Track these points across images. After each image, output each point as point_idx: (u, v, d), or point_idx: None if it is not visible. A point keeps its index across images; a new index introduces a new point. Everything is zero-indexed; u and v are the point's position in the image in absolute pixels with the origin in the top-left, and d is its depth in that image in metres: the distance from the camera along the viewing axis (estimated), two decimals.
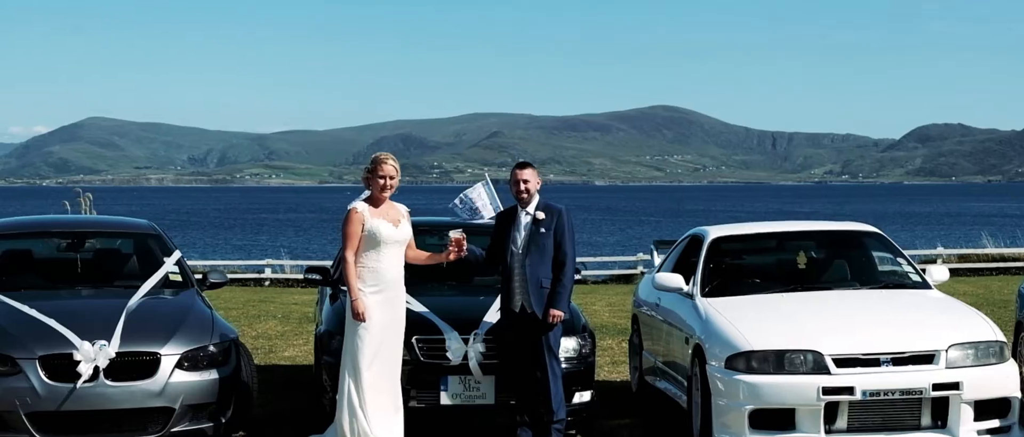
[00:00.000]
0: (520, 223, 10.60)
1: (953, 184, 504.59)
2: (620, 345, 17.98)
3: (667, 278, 11.59)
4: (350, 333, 10.08)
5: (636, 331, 13.72)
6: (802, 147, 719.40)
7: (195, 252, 59.06)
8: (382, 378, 10.07)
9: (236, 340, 11.01)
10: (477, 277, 12.13)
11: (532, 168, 10.74)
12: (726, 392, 9.89)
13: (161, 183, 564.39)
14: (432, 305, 11.02)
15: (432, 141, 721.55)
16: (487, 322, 10.79)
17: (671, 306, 11.90)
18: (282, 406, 12.78)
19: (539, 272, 10.47)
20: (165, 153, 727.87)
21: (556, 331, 10.51)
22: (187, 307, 11.24)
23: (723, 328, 10.28)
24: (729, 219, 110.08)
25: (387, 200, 10.25)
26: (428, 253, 10.68)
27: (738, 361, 9.87)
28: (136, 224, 13.24)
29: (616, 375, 15.18)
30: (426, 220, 13.32)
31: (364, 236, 10.06)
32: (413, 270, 10.71)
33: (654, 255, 14.54)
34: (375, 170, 10.20)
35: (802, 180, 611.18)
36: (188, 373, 10.36)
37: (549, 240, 10.50)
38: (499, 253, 10.67)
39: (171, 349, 10.34)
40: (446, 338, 10.66)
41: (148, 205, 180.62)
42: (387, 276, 10.09)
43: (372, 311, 9.99)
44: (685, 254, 12.66)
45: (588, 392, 11.04)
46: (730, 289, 11.32)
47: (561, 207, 10.65)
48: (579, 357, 10.98)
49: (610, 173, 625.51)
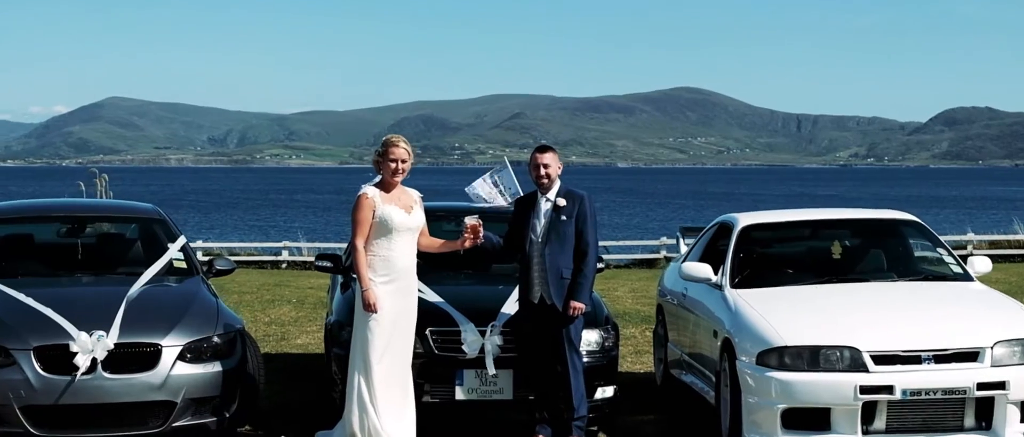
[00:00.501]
0: (540, 210, 10.07)
1: (980, 168, 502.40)
2: (644, 334, 17.44)
3: (694, 268, 11.04)
4: (360, 325, 9.57)
5: (661, 322, 13.18)
6: (827, 130, 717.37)
7: (213, 234, 58.77)
8: (393, 372, 9.56)
9: (242, 330, 10.52)
10: (495, 265, 11.61)
11: (553, 152, 10.20)
12: (757, 389, 9.35)
13: (181, 163, 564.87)
14: (447, 295, 10.50)
15: (453, 122, 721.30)
16: (505, 313, 10.27)
17: (698, 297, 11.36)
18: (291, 398, 12.29)
19: (559, 261, 9.94)
20: (185, 133, 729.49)
21: (577, 324, 9.98)
22: (191, 296, 10.74)
23: (754, 322, 9.74)
24: (753, 203, 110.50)
25: (399, 185, 9.72)
26: (442, 240, 10.15)
27: (770, 357, 9.32)
28: (140, 208, 12.74)
29: (639, 366, 14.64)
30: (441, 205, 12.80)
31: (375, 223, 9.54)
32: (427, 258, 10.23)
33: (680, 243, 13.97)
34: (386, 153, 9.67)
35: (827, 163, 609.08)
36: (191, 365, 9.87)
37: (570, 228, 9.98)
38: (517, 241, 10.14)
39: (173, 340, 9.84)
40: (462, 330, 10.14)
41: (167, 185, 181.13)
42: (399, 265, 9.57)
43: (383, 302, 9.47)
44: (713, 242, 12.11)
45: (611, 387, 10.51)
46: (761, 280, 10.76)
47: (583, 193, 10.12)
48: (602, 350, 10.45)
49: (633, 155, 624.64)
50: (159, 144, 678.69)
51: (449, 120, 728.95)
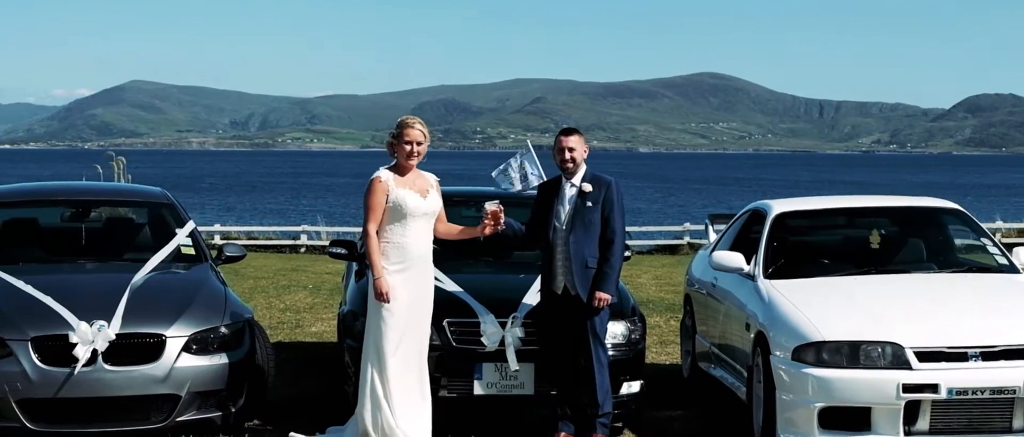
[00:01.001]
0: (564, 195, 9.55)
1: (1003, 155, 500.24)
2: (669, 323, 16.93)
3: (726, 257, 10.51)
4: (373, 315, 9.07)
5: (689, 312, 12.65)
6: (850, 116, 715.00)
7: (232, 217, 58.63)
8: (408, 365, 9.07)
9: (250, 320, 10.05)
10: (516, 253, 11.11)
11: (578, 135, 9.68)
12: (792, 386, 8.83)
13: (203, 147, 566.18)
14: (466, 284, 10.01)
15: (475, 106, 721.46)
16: (527, 304, 9.76)
17: (729, 288, 10.84)
18: (303, 390, 11.81)
19: (584, 250, 9.43)
20: (207, 117, 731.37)
21: (602, 315, 9.46)
22: (198, 284, 10.28)
23: (790, 315, 9.21)
24: (776, 188, 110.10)
25: (414, 168, 9.21)
26: (461, 227, 9.63)
27: (807, 352, 8.80)
28: (147, 192, 12.26)
29: (665, 357, 14.11)
30: (460, 190, 12.30)
31: (388, 208, 9.03)
32: (445, 245, 9.77)
33: (709, 230, 13.43)
34: (401, 135, 9.16)
35: (849, 149, 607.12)
36: (196, 357, 9.43)
37: (596, 215, 9.46)
38: (540, 228, 9.63)
39: (178, 331, 9.39)
40: (481, 321, 9.64)
41: (188, 168, 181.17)
42: (413, 252, 9.06)
43: (397, 291, 8.97)
44: (745, 230, 11.59)
45: (637, 382, 9.99)
46: (796, 270, 10.21)
47: (610, 179, 9.60)
48: (628, 343, 9.93)
49: (655, 140, 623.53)
50: (181, 127, 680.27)
51: (471, 104, 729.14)
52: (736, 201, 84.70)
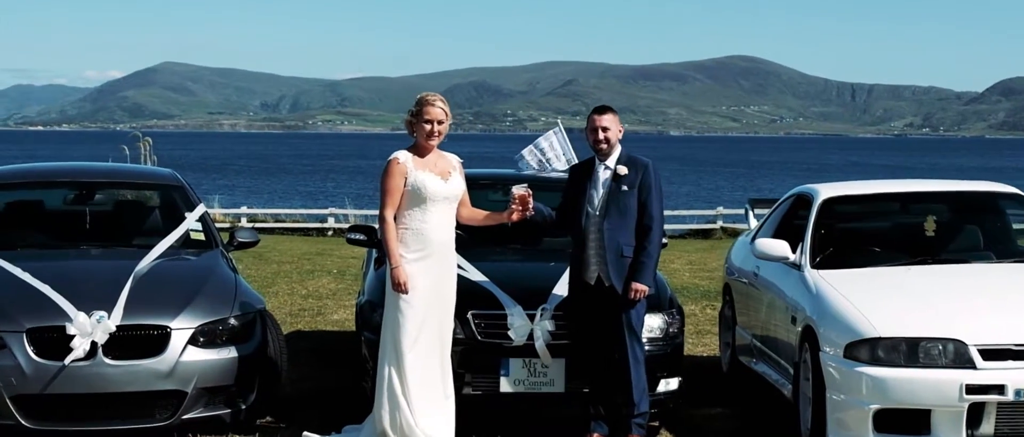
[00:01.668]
0: (598, 179, 8.88)
1: None
2: (704, 311, 16.25)
3: (769, 245, 9.81)
4: (390, 307, 8.42)
5: (728, 303, 11.95)
6: (882, 99, 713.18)
7: (260, 199, 58.24)
8: (429, 361, 8.41)
9: (262, 311, 9.42)
10: (546, 240, 10.46)
11: (613, 113, 9.00)
12: (845, 386, 8.14)
13: (234, 129, 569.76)
14: (491, 273, 9.35)
15: (506, 89, 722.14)
16: (557, 295, 9.10)
17: (773, 278, 10.15)
18: (321, 383, 11.18)
19: (619, 238, 8.75)
20: (238, 99, 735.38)
21: (639, 308, 8.79)
22: (207, 272, 9.65)
23: (841, 308, 8.52)
24: (806, 171, 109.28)
25: (435, 149, 8.55)
26: (486, 212, 8.92)
27: (860, 349, 8.10)
28: (156, 173, 11.65)
29: (702, 349, 13.42)
30: (485, 173, 11.65)
31: (407, 191, 8.37)
32: (469, 232, 9.17)
33: (750, 216, 12.71)
34: (420, 113, 8.48)
35: (881, 133, 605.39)
36: (203, 350, 8.80)
37: (632, 200, 8.78)
38: (572, 214, 8.96)
39: (183, 322, 8.77)
40: (508, 313, 8.98)
41: (219, 150, 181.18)
42: (434, 239, 8.40)
43: (416, 281, 8.32)
44: (789, 216, 10.89)
45: (676, 379, 9.32)
46: (845, 260, 9.50)
47: (647, 161, 8.92)
48: (665, 338, 9.26)
49: (685, 123, 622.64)
50: (212, 109, 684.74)
51: (502, 87, 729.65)
52: (768, 185, 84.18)
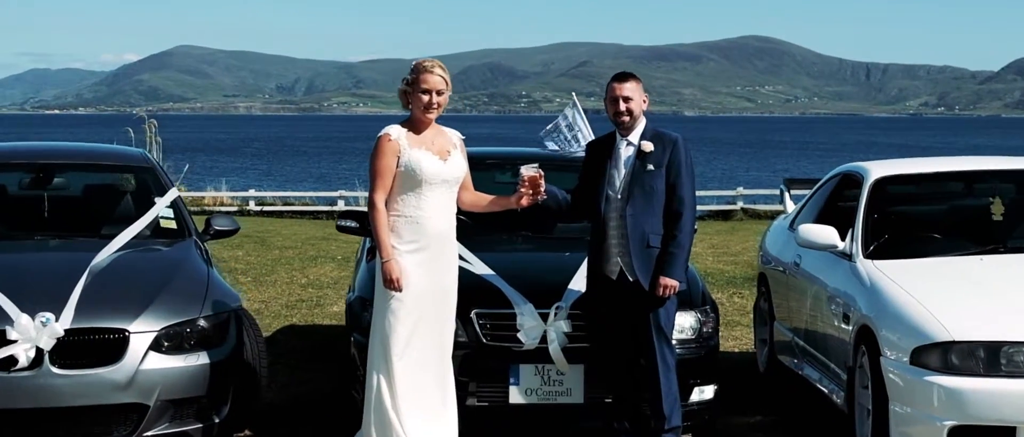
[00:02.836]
0: (619, 157, 7.70)
1: None
2: (732, 300, 15.05)
3: (815, 232, 8.58)
4: (380, 307, 7.26)
5: (764, 294, 10.73)
6: (897, 78, 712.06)
7: (273, 182, 57.33)
8: (426, 367, 7.26)
9: (238, 310, 8.22)
10: (560, 226, 9.28)
11: (635, 80, 7.81)
12: (911, 397, 6.96)
13: (249, 111, 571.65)
14: (498, 266, 8.17)
15: (520, 70, 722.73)
16: (574, 291, 7.93)
17: (819, 268, 8.95)
18: (311, 387, 10.04)
19: (645, 225, 7.57)
20: (253, 81, 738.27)
21: (668, 306, 7.61)
22: (174, 266, 8.48)
23: (904, 306, 7.32)
24: (822, 152, 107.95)
25: (433, 123, 7.37)
26: (491, 196, 7.70)
27: (930, 355, 6.92)
28: (121, 154, 10.47)
29: (732, 344, 12.15)
30: (490, 151, 10.44)
31: (400, 173, 7.20)
32: (474, 219, 8.06)
33: (786, 198, 11.42)
34: (416, 82, 7.30)
35: (896, 112, 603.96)
36: (168, 357, 7.61)
37: (659, 181, 7.59)
38: (590, 198, 7.78)
39: (145, 324, 7.58)
40: (518, 312, 7.80)
41: (234, 133, 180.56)
42: (431, 228, 7.23)
43: (410, 277, 7.16)
44: (833, 198, 9.68)
45: (710, 387, 8.12)
46: (903, 248, 8.29)
47: (676, 135, 7.72)
48: (699, 339, 8.08)
49: (700, 104, 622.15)
50: (228, 92, 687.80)
51: (516, 68, 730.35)
52: (786, 164, 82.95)
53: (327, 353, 11.46)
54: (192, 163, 45.66)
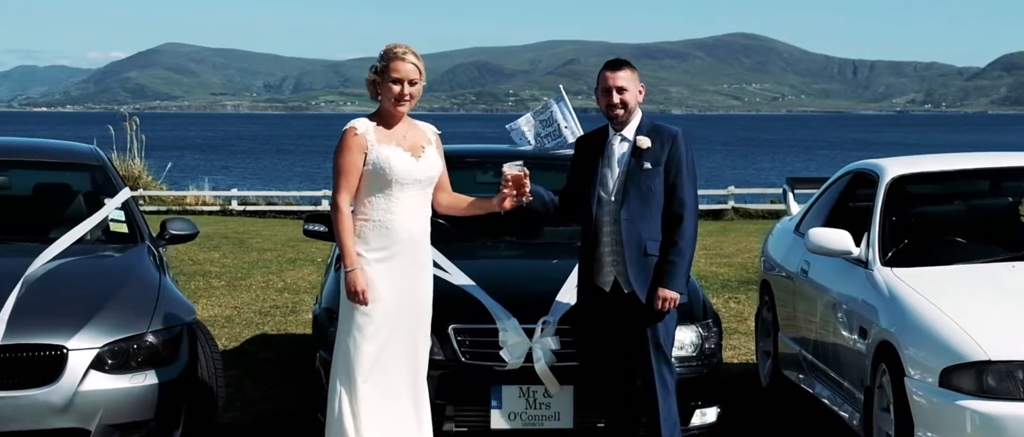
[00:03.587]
0: (612, 154, 6.93)
1: None
2: (728, 305, 14.27)
3: (826, 236, 7.80)
4: (345, 322, 6.49)
5: (767, 303, 9.95)
6: (884, 75, 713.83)
7: (259, 182, 56.63)
8: (397, 391, 6.49)
9: (191, 324, 7.44)
10: (547, 230, 8.52)
11: (630, 69, 7.04)
12: (942, 424, 6.21)
13: (237, 110, 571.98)
14: (479, 276, 7.42)
15: (507, 68, 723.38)
16: (563, 303, 7.17)
17: (830, 276, 8.18)
18: (277, 404, 9.27)
19: (642, 230, 6.80)
20: (241, 80, 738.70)
21: (667, 321, 6.85)
22: (121, 275, 7.69)
23: (931, 320, 6.56)
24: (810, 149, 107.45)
25: (405, 117, 6.60)
26: (471, 198, 6.91)
27: (962, 376, 6.16)
28: (71, 151, 9.65)
29: (730, 354, 11.28)
30: (470, 149, 9.69)
31: (367, 172, 6.43)
32: (451, 223, 7.36)
33: (789, 198, 10.62)
34: (387, 70, 6.52)
35: (883, 109, 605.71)
36: (112, 376, 6.83)
37: (658, 181, 6.82)
38: (580, 200, 7.01)
39: (85, 340, 6.81)
40: (500, 328, 7.05)
41: (222, 131, 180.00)
42: (401, 233, 6.45)
43: (378, 288, 6.39)
44: (844, 199, 8.92)
45: (713, 409, 7.35)
46: (925, 255, 7.52)
47: (676, 130, 6.95)
48: (700, 356, 7.31)
49: (687, 102, 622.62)
50: (215, 90, 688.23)
51: (503, 66, 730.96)
52: (774, 163, 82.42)
53: (298, 366, 10.67)
54: (177, 162, 44.95)
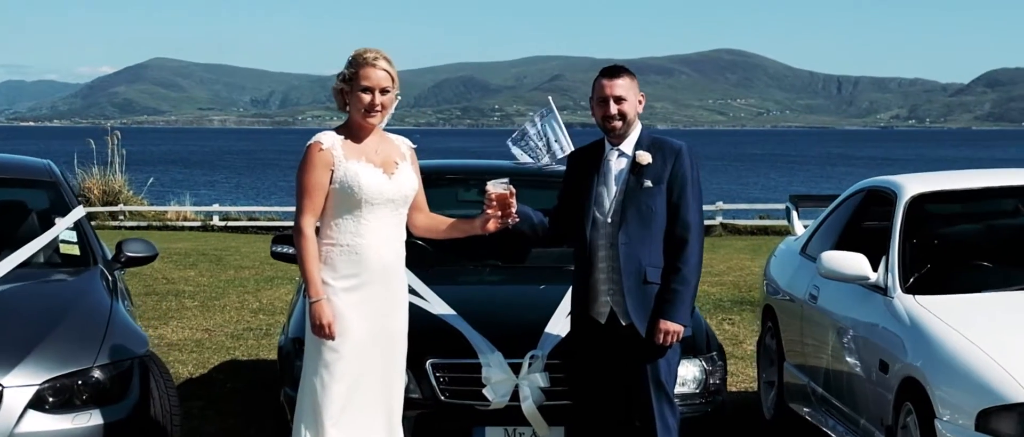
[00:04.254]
0: (609, 171, 6.25)
1: (1023, 130, 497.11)
2: (722, 327, 13.57)
3: (842, 260, 7.11)
4: (311, 358, 5.81)
5: (771, 330, 9.24)
6: (868, 91, 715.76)
7: (243, 197, 56.11)
8: (368, 433, 5.82)
9: (144, 357, 6.74)
10: (535, 252, 7.83)
11: (629, 76, 6.35)
12: None
13: (224, 124, 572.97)
14: (460, 304, 6.77)
15: (493, 84, 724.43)
16: (553, 335, 6.51)
17: (844, 303, 7.50)
18: None
19: (641, 255, 6.12)
20: (228, 94, 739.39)
21: (669, 356, 6.17)
22: (68, 302, 7.02)
23: (964, 355, 5.89)
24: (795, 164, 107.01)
25: (376, 129, 5.92)
26: (451, 219, 6.22)
27: (1002, 420, 5.50)
28: (19, 165, 8.93)
29: (728, 382, 10.57)
30: (454, 164, 9.01)
31: (334, 190, 5.75)
32: (430, 245, 6.76)
33: (794, 217, 9.89)
34: (356, 77, 5.83)
35: (867, 125, 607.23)
36: (53, 417, 6.20)
37: (659, 200, 6.14)
38: (573, 221, 6.33)
39: (23, 377, 6.16)
40: (483, 363, 6.39)
41: (208, 146, 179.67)
42: (373, 259, 5.78)
43: (348, 321, 5.71)
44: (856, 219, 8.23)
45: None
46: (950, 281, 6.86)
47: (680, 144, 6.26)
48: (704, 394, 6.64)
49: (672, 117, 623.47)
50: (202, 105, 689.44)
51: (489, 82, 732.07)
52: (754, 178, 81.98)
53: (268, 396, 9.93)
54: (162, 176, 44.32)
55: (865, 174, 10.92)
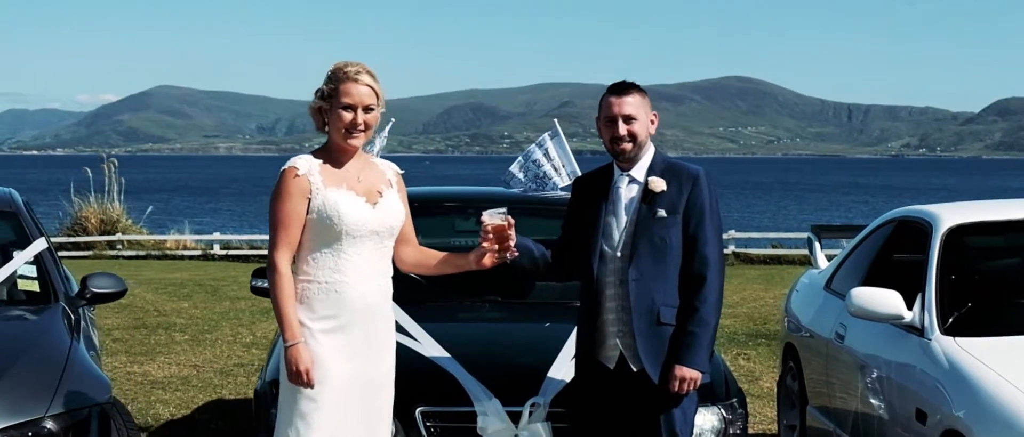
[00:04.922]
0: (618, 199, 5.63)
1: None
2: (736, 362, 12.94)
3: (874, 298, 6.47)
4: (286, 408, 5.19)
5: (791, 371, 8.60)
6: (879, 119, 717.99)
7: (246, 224, 55.86)
8: None
9: (105, 405, 6.12)
10: (538, 287, 7.22)
11: (639, 93, 5.75)
12: None
13: (230, 152, 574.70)
14: (454, 345, 6.15)
15: (503, 111, 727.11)
16: (556, 381, 5.88)
17: (874, 344, 6.86)
18: None
19: (654, 293, 5.49)
20: (234, 122, 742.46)
21: (686, 405, 5.54)
22: (22, 344, 6.39)
23: (1012, 405, 5.25)
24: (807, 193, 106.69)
25: (359, 152, 5.31)
26: (443, 253, 5.60)
27: None
28: None
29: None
30: (450, 192, 8.42)
31: (311, 221, 5.14)
32: (422, 278, 6.15)
33: (816, 249, 9.26)
34: (335, 94, 5.23)
35: (878, 153, 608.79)
36: None
37: (674, 232, 5.51)
38: (578, 255, 5.70)
39: None
40: (479, 411, 5.76)
41: (214, 173, 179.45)
42: (355, 298, 5.16)
43: (327, 366, 5.09)
44: (886, 252, 7.60)
45: None
46: (994, 322, 6.23)
47: (697, 170, 5.63)
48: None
49: (683, 145, 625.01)
50: (208, 133, 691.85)
51: (499, 109, 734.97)
52: (763, 205, 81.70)
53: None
54: (166, 204, 43.89)
55: (880, 203, 10.39)
